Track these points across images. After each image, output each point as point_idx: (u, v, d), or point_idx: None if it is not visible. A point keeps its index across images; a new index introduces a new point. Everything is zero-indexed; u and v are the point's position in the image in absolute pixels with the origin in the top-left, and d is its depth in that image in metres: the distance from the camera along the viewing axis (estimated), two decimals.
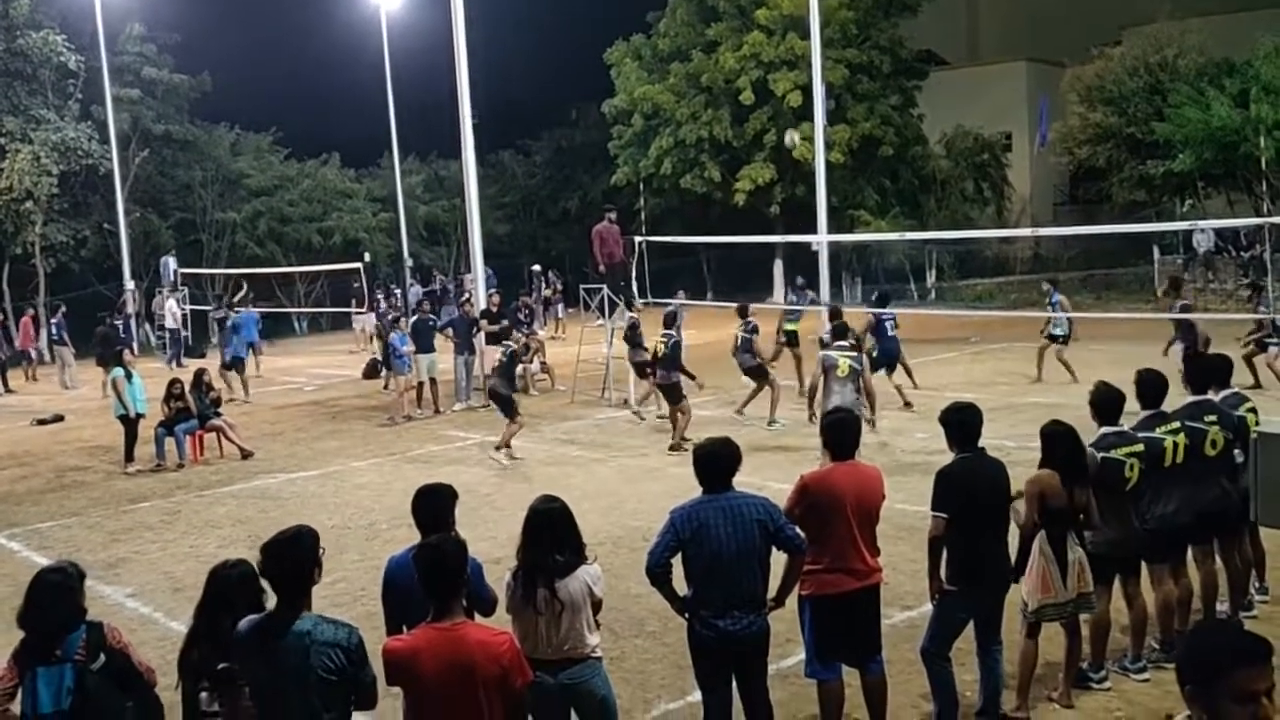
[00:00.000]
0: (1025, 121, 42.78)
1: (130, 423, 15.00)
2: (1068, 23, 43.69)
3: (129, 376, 15.09)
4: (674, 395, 14.44)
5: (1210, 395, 7.16)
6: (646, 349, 15.59)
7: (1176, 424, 6.74)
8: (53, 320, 26.22)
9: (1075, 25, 41.98)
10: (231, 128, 39.95)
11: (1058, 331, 17.36)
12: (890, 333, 16.18)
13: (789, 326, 18.60)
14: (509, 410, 14.04)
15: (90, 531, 11.78)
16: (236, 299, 26.06)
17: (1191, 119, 28.19)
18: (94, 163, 32.17)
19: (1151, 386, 6.88)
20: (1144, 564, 6.67)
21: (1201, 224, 25.68)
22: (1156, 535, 6.65)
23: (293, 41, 44.91)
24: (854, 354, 11.71)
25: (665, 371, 14.49)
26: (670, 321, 15.19)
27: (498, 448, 13.99)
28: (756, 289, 37.90)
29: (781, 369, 17.12)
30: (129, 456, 14.98)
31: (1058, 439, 6.15)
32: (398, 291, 31.35)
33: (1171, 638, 6.78)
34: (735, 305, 16.42)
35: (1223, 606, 7.20)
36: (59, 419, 19.81)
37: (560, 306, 31.73)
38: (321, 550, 4.43)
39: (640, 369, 16.20)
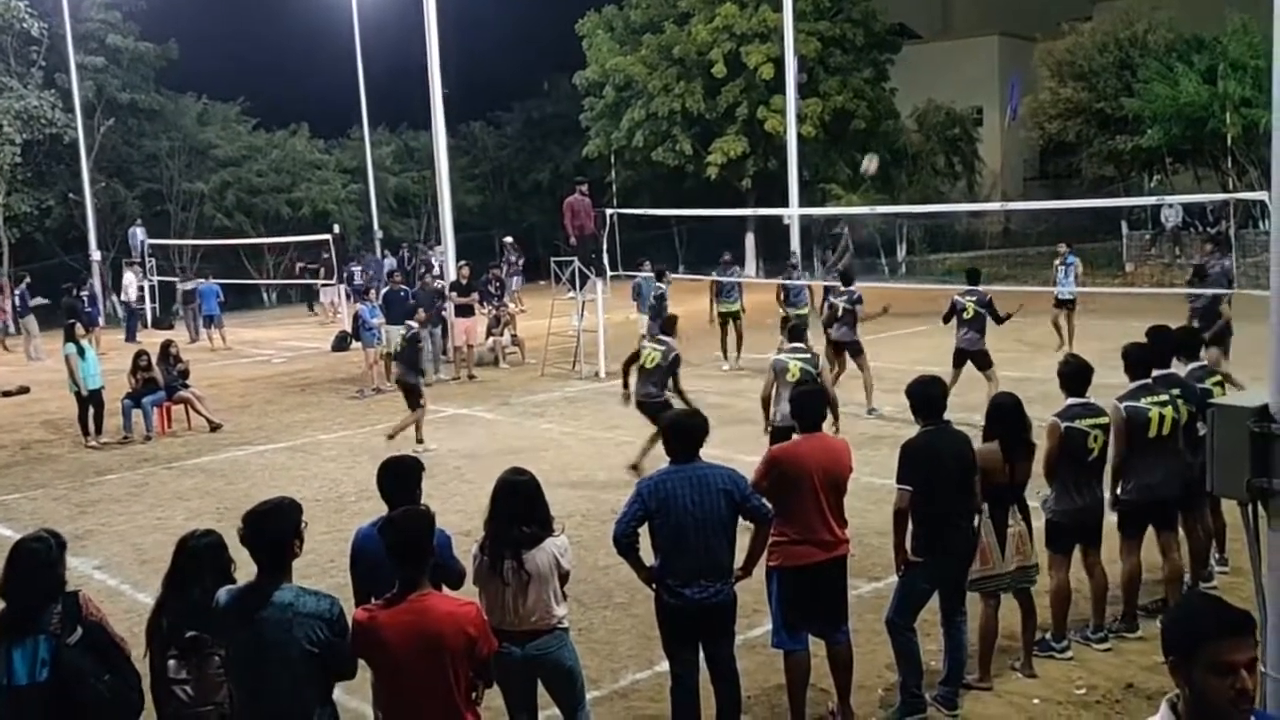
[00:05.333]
0: (996, 96, 42.76)
1: (83, 400, 14.67)
2: None
3: (81, 353, 14.73)
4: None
5: (1174, 369, 7.24)
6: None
7: (1165, 396, 6.78)
8: (16, 291, 25.87)
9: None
10: (199, 97, 39.30)
11: (1065, 295, 17.42)
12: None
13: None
14: (411, 398, 13.15)
15: (57, 504, 11.71)
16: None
17: (1160, 95, 28.36)
18: (58, 131, 31.67)
19: (1137, 358, 6.97)
20: (1102, 534, 6.75)
21: (1169, 199, 25.87)
22: (1128, 506, 6.75)
23: (261, 9, 44.20)
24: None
25: None
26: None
27: (390, 435, 13.10)
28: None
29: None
30: (85, 430, 14.68)
31: (1000, 411, 6.23)
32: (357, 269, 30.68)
33: (1134, 610, 6.88)
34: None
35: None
36: (24, 390, 19.59)
37: (518, 279, 30.95)
38: (304, 523, 4.42)
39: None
